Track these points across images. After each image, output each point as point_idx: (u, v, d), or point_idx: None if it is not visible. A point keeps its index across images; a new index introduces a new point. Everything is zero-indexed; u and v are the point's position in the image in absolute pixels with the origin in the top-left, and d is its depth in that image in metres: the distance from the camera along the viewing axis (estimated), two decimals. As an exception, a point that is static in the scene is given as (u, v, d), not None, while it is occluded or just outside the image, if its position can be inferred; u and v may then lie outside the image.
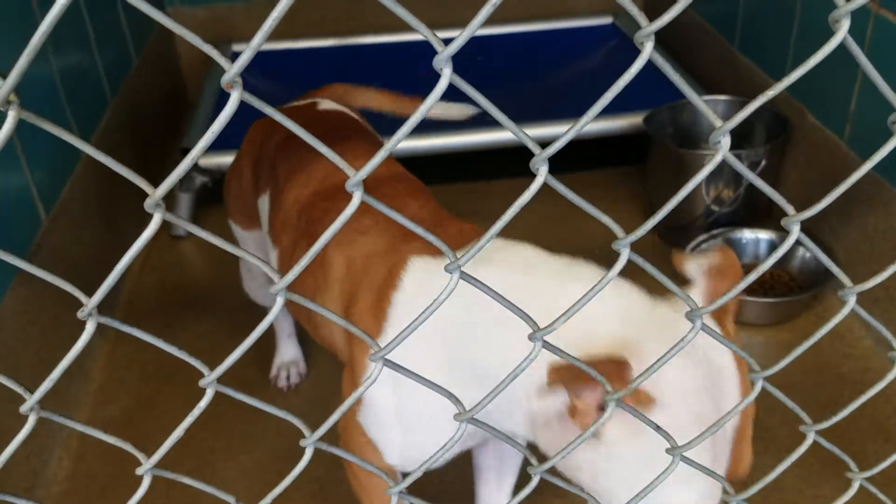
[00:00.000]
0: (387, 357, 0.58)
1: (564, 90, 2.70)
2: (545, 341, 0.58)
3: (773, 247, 2.04)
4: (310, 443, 0.61)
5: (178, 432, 0.58)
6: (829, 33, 0.53)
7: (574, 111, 2.43)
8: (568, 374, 0.72)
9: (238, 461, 1.64)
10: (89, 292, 0.53)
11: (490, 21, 3.06)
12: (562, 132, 2.11)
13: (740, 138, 2.26)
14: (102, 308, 0.53)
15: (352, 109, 1.61)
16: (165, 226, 2.40)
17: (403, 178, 1.30)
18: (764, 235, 2.05)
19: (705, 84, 2.54)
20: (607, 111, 2.56)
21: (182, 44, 3.10)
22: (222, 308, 2.00)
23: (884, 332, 0.69)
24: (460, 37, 0.46)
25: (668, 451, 0.68)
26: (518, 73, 2.85)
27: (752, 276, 0.62)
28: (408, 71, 2.91)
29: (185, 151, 2.33)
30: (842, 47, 0.54)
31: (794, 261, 1.99)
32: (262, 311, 1.76)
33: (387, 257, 1.08)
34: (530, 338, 0.58)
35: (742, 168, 0.59)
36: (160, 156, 2.62)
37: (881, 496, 0.77)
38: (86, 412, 1.76)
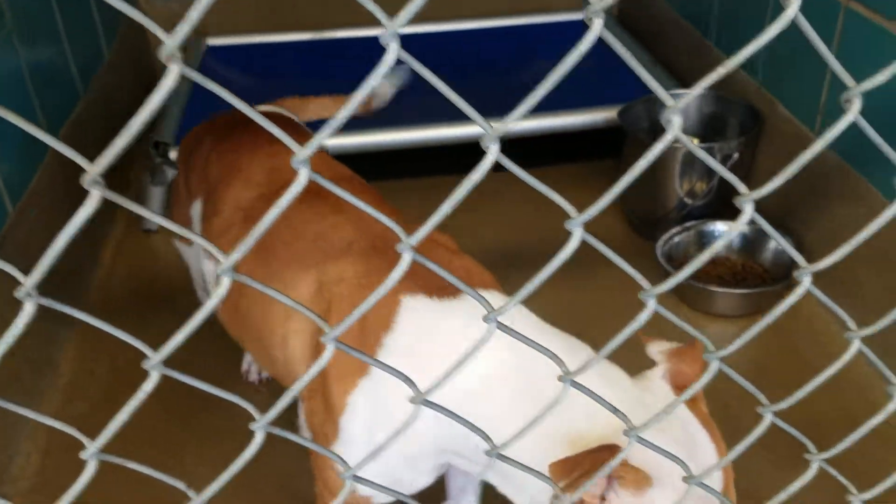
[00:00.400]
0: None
1: (538, 83, 2.70)
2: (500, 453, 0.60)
3: (745, 239, 2.05)
4: (259, 426, 0.60)
5: (123, 416, 0.57)
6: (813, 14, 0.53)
7: (548, 104, 2.45)
8: (569, 469, 0.76)
9: (207, 454, 1.62)
10: (55, 285, 0.51)
11: (467, 15, 3.06)
12: (533, 125, 2.11)
13: (714, 132, 2.26)
14: (65, 299, 0.51)
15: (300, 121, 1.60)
16: (136, 220, 2.38)
17: (350, 179, 1.27)
18: (736, 228, 2.06)
19: (679, 77, 2.55)
20: (582, 104, 2.56)
21: (155, 37, 3.06)
22: (195, 302, 1.98)
23: (837, 311, 0.69)
24: (408, 8, 0.45)
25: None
26: (494, 67, 2.84)
27: (705, 256, 0.61)
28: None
29: (158, 145, 2.30)
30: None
31: (767, 253, 2.00)
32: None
33: (368, 286, 1.03)
34: (488, 453, 0.61)
35: (695, 149, 0.58)
36: (133, 149, 2.59)
37: (840, 478, 0.77)
38: (54, 406, 1.74)
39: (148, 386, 0.57)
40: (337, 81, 2.90)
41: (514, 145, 2.26)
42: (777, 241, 0.66)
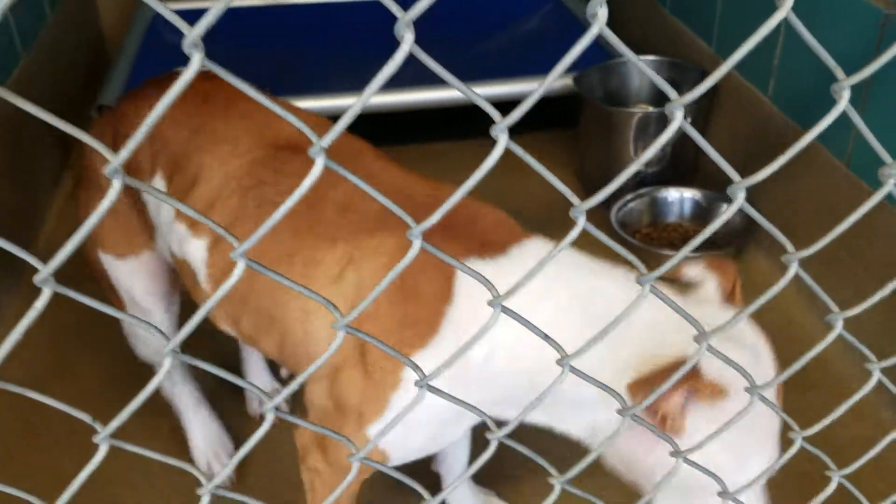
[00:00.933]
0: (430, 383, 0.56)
1: (500, 51, 2.67)
2: (572, 366, 0.59)
3: (697, 205, 2.06)
4: (270, 408, 0.56)
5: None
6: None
7: (509, 71, 2.43)
8: (648, 387, 0.77)
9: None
10: None
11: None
12: (499, 91, 2.07)
13: (665, 99, 2.26)
14: (13, 262, 0.46)
15: None
16: (74, 189, 2.31)
17: (364, 151, 1.15)
18: (689, 194, 2.06)
19: (634, 45, 2.53)
20: (536, 73, 2.53)
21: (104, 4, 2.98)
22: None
23: (821, 295, 0.68)
24: (339, 125, 0.43)
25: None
26: (456, 33, 2.81)
27: (702, 237, 0.59)
28: (348, 33, 2.87)
29: (101, 108, 2.24)
30: (770, 5, 0.51)
31: (715, 218, 2.01)
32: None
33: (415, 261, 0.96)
34: (558, 363, 0.59)
35: (699, 138, 0.55)
36: (78, 114, 2.51)
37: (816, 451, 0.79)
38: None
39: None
40: (286, 49, 2.88)
41: (467, 114, 2.26)
42: (763, 226, 0.64)
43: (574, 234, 0.53)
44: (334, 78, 2.52)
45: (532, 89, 1.86)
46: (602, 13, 0.44)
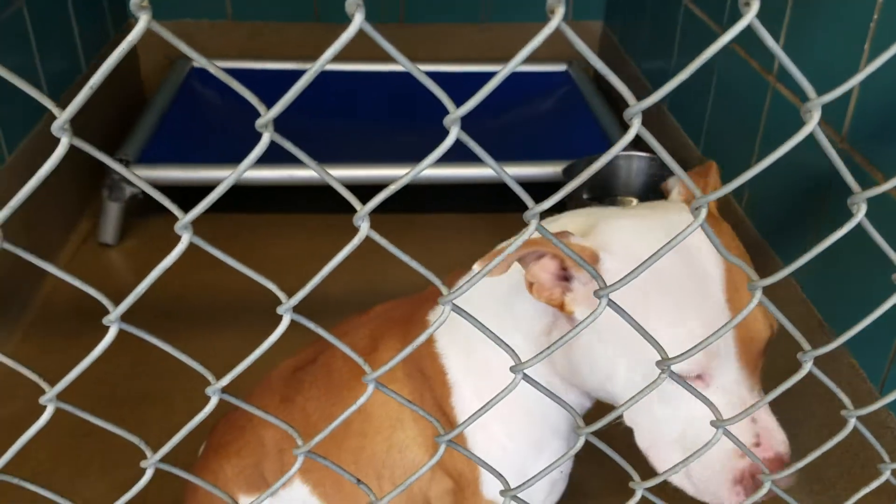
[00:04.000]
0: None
1: (515, 132, 2.76)
2: (454, 304, 0.60)
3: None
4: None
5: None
6: (738, 93, 0.57)
7: (522, 153, 2.51)
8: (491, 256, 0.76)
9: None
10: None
11: (450, 60, 3.13)
12: (515, 172, 2.10)
13: (657, 194, 2.31)
14: (7, 307, 0.52)
15: None
16: (93, 231, 2.45)
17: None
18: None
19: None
20: (529, 157, 2.57)
21: (144, 57, 3.15)
22: (142, 316, 2.03)
23: (787, 325, 0.73)
24: (472, 100, 0.48)
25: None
26: (473, 112, 2.90)
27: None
28: (366, 99, 2.99)
29: (121, 162, 2.37)
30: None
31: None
32: (182, 324, 1.79)
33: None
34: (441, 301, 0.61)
35: (660, 149, 0.59)
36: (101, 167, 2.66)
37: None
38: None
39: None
40: (317, 112, 3.00)
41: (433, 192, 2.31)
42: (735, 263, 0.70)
43: (526, 235, 0.57)
44: (339, 147, 2.64)
45: (517, 173, 1.93)
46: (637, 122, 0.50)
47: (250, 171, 2.06)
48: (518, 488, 0.69)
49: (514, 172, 2.31)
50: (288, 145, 0.48)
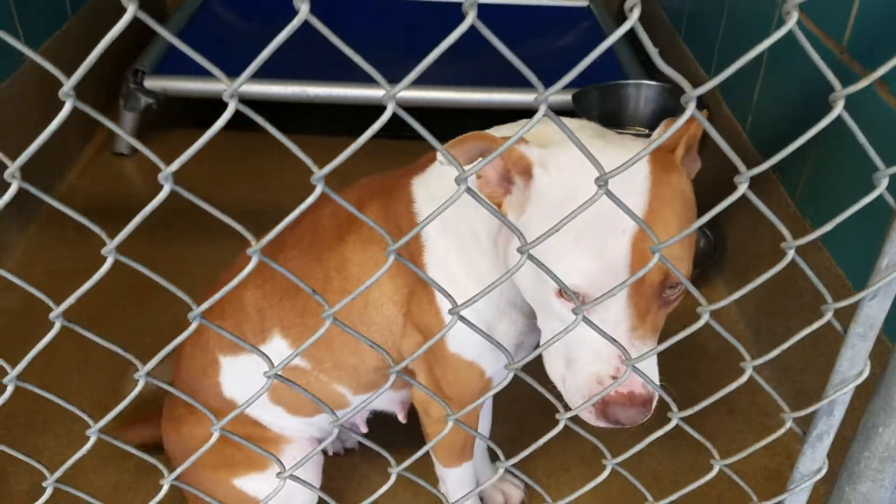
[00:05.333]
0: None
1: (532, 64, 2.75)
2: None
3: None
4: (392, 370, 0.68)
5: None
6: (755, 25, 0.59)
7: (506, 81, 2.51)
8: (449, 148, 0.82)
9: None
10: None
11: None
12: (495, 98, 2.14)
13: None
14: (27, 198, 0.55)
15: None
16: (108, 141, 2.50)
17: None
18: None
19: (648, 67, 2.59)
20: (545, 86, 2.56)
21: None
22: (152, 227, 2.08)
23: (729, 338, 0.75)
24: (408, 78, 0.52)
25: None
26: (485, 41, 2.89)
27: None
28: (382, 23, 2.99)
29: (137, 73, 2.41)
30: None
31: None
32: (197, 238, 1.83)
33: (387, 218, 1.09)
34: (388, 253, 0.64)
35: (709, 127, 0.63)
36: (118, 77, 2.70)
37: (697, 435, 0.85)
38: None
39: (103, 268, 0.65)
40: (341, 31, 2.99)
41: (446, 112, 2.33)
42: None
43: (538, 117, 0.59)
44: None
45: (525, 100, 1.93)
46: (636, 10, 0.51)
47: (265, 86, 2.01)
48: (522, 360, 0.75)
49: (526, 98, 2.32)
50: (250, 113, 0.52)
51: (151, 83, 2.39)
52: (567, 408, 0.81)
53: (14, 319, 1.83)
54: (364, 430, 1.41)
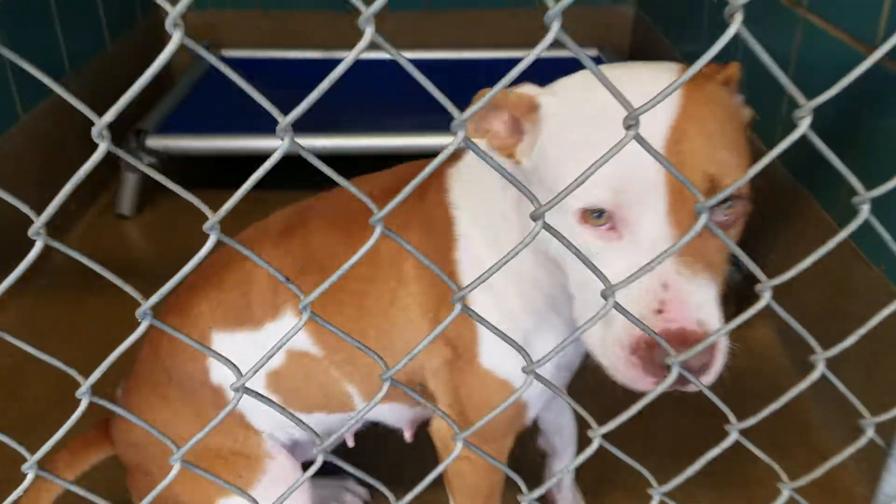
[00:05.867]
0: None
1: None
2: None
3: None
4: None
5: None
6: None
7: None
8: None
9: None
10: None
11: (480, 46, 3.09)
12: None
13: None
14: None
15: None
16: (111, 203, 2.42)
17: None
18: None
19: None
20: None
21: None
22: (143, 283, 1.99)
23: (794, 325, 0.66)
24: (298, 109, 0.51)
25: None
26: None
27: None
28: (383, 85, 2.94)
29: (139, 133, 2.35)
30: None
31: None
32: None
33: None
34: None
35: (820, 144, 0.56)
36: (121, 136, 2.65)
37: (760, 454, 0.72)
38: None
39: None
40: (340, 98, 2.97)
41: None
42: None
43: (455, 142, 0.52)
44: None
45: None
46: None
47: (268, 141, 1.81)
48: (538, 362, 0.63)
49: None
50: (307, 154, 0.52)
51: (154, 142, 2.33)
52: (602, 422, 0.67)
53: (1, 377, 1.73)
54: (351, 443, 1.26)
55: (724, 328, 0.67)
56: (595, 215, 0.72)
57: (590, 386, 0.87)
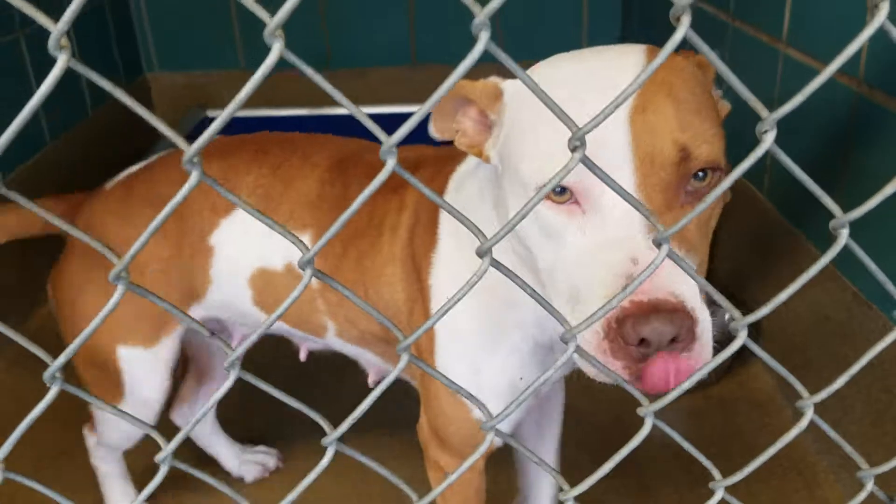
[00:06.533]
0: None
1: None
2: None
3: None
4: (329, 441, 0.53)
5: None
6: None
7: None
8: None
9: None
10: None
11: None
12: None
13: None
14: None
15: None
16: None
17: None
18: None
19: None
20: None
21: (159, 102, 3.16)
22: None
23: (776, 367, 0.61)
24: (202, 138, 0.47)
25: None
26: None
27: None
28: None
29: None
30: None
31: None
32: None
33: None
34: None
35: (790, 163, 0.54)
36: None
37: None
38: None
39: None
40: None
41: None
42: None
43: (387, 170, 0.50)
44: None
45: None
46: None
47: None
48: (500, 415, 0.61)
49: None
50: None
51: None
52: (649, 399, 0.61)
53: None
54: (303, 357, 1.31)
55: (709, 363, 0.63)
56: (557, 191, 0.69)
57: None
